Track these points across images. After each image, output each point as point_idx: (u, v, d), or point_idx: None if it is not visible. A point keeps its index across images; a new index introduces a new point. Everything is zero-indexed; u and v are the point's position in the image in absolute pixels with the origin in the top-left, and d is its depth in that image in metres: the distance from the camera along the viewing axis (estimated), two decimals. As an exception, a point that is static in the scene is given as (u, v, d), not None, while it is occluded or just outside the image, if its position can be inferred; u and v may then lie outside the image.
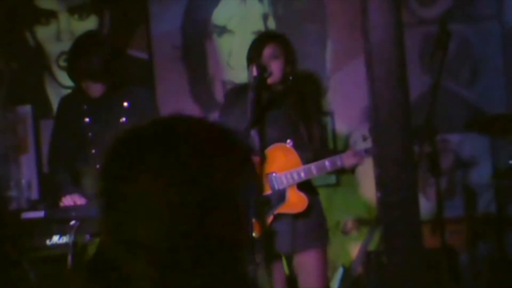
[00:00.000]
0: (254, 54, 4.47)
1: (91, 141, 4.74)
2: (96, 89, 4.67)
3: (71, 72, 4.68)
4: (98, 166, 4.58)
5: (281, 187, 4.40)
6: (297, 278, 4.64)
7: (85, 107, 4.77)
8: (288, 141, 4.43)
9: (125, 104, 4.74)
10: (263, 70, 4.34)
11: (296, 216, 4.42)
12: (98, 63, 4.57)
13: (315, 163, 4.40)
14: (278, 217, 4.40)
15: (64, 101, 4.92)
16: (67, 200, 4.50)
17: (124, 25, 6.41)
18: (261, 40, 4.59)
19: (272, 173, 4.40)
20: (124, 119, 4.71)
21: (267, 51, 4.48)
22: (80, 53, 4.64)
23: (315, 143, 4.54)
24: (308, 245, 4.50)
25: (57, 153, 4.84)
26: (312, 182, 4.61)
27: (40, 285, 4.57)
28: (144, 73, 6.26)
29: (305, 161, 4.45)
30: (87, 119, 4.76)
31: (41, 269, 4.65)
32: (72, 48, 4.73)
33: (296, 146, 4.45)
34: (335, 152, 4.75)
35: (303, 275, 4.57)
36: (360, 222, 6.11)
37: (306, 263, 4.53)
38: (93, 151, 4.72)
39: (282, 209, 4.39)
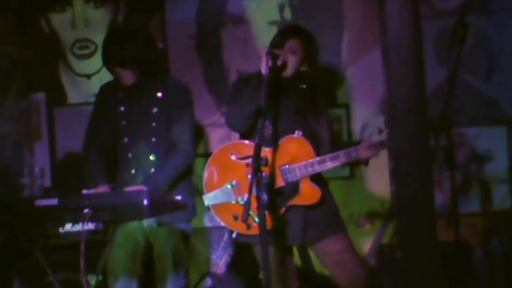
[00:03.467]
0: (276, 44, 4.45)
1: (124, 129, 4.77)
2: (126, 77, 4.69)
3: (104, 59, 4.71)
4: (130, 155, 4.63)
5: (294, 179, 4.35)
6: (310, 270, 4.60)
7: (120, 95, 4.80)
8: (297, 132, 4.38)
9: (159, 94, 4.75)
10: (276, 59, 4.32)
11: (308, 207, 4.39)
12: (128, 52, 4.60)
13: (330, 155, 4.36)
14: (290, 208, 4.36)
15: (103, 88, 4.95)
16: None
17: (139, 14, 6.42)
18: (286, 32, 4.56)
19: (285, 165, 4.35)
20: (156, 109, 4.73)
21: (289, 44, 4.45)
22: (113, 41, 4.68)
23: (323, 137, 4.51)
24: (324, 234, 4.46)
25: (93, 142, 4.87)
26: (323, 174, 4.56)
27: (53, 272, 4.59)
28: (159, 61, 6.22)
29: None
30: (122, 108, 4.79)
31: (53, 256, 4.72)
32: (106, 37, 4.76)
33: (305, 138, 4.42)
34: (348, 144, 4.69)
35: (331, 261, 4.48)
36: (373, 215, 6.12)
37: (330, 247, 4.47)
38: (126, 139, 4.76)
39: (295, 201, 4.36)
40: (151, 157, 4.70)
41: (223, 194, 4.34)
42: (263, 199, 3.88)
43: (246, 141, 4.33)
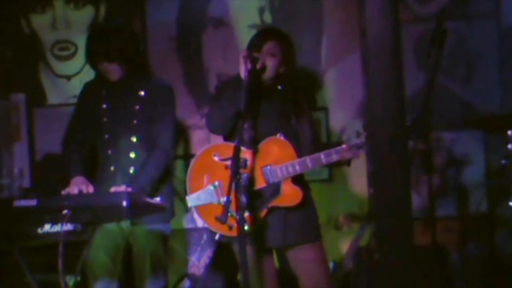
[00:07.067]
0: (254, 47, 4.48)
1: (106, 126, 4.79)
2: (112, 72, 4.72)
3: (89, 54, 4.74)
4: (110, 152, 4.64)
5: (276, 180, 4.37)
6: (290, 272, 4.61)
7: (104, 92, 4.83)
8: (279, 134, 4.41)
9: (142, 93, 4.78)
10: (255, 62, 4.35)
11: (289, 210, 4.41)
12: (115, 45, 4.64)
13: (311, 156, 4.38)
14: (271, 210, 4.39)
15: (86, 86, 4.98)
16: (72, 188, 4.54)
17: (119, 16, 6.40)
18: (263, 35, 4.59)
19: (266, 166, 4.37)
20: (138, 107, 4.76)
21: (267, 46, 4.49)
22: (98, 36, 4.72)
23: (305, 139, 4.55)
24: (302, 240, 4.49)
25: (73, 137, 4.88)
26: (305, 178, 4.60)
27: (31, 273, 4.57)
28: (143, 57, 6.10)
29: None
30: (104, 105, 4.81)
31: (32, 257, 4.63)
32: (90, 33, 4.84)
33: (287, 140, 4.45)
34: (328, 145, 4.72)
35: (301, 269, 4.53)
36: (351, 218, 6.13)
37: (302, 256, 4.50)
38: (106, 136, 4.78)
39: (276, 202, 4.38)
40: (131, 155, 4.72)
41: (206, 195, 4.34)
42: (241, 201, 3.90)
43: (231, 143, 4.31)
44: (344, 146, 4.43)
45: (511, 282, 5.18)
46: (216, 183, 4.32)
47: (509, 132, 5.09)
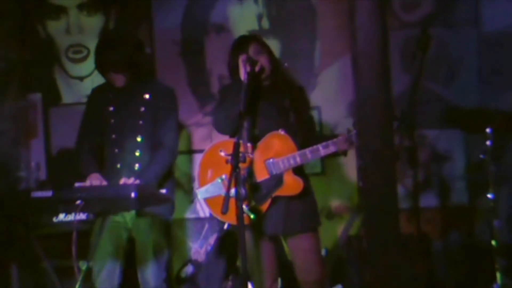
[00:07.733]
0: (240, 51, 4.62)
1: (112, 127, 4.89)
2: (118, 80, 4.87)
3: (97, 64, 4.88)
4: (116, 150, 4.82)
5: (278, 172, 4.52)
6: (290, 260, 4.75)
7: (110, 96, 4.96)
8: (280, 130, 4.56)
9: (146, 96, 4.91)
10: (254, 65, 4.53)
11: (290, 199, 4.57)
12: (121, 57, 4.77)
13: (310, 148, 4.52)
14: (275, 200, 4.54)
15: (95, 90, 5.11)
16: (87, 183, 4.69)
17: (128, 22, 6.58)
18: (243, 40, 4.74)
19: (269, 159, 4.54)
20: (143, 108, 4.89)
21: (252, 49, 4.63)
22: (105, 47, 4.83)
23: (304, 130, 4.67)
24: (301, 228, 4.63)
25: (84, 137, 5.01)
26: (304, 170, 4.75)
27: (47, 259, 4.85)
28: (147, 64, 6.32)
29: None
30: (111, 108, 4.94)
31: (47, 244, 4.95)
32: (99, 43, 4.91)
33: (288, 134, 4.59)
34: (325, 138, 4.81)
35: (299, 256, 4.67)
36: (342, 208, 6.31)
37: (301, 244, 4.64)
38: (113, 136, 4.90)
39: (279, 192, 4.54)
40: (136, 153, 4.84)
41: (214, 188, 4.47)
42: (241, 193, 4.04)
43: (235, 139, 4.29)
44: (340, 137, 4.58)
45: (489, 268, 5.20)
46: (224, 176, 4.45)
47: (487, 130, 5.19)
